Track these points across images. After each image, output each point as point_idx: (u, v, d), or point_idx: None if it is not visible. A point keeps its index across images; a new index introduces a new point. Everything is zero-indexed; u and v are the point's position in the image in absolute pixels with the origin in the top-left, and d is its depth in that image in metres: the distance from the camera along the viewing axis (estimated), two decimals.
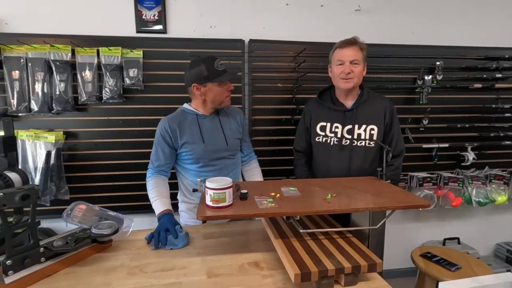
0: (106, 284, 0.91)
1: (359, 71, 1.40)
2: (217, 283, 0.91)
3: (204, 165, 1.40)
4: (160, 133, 1.38)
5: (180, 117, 1.40)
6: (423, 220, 2.42)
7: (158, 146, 1.39)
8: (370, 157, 1.47)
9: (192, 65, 1.34)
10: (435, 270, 1.68)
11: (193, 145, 1.37)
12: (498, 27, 2.25)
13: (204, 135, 1.38)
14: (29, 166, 1.76)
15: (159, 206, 1.29)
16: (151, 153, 1.42)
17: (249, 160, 1.60)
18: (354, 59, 1.39)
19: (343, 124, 1.47)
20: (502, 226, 2.51)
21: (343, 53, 1.41)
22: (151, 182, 1.37)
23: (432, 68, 2.14)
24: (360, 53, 1.40)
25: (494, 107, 2.25)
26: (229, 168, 1.45)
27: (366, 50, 1.44)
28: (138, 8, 1.85)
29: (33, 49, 1.72)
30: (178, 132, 1.37)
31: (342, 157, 1.47)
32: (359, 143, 1.46)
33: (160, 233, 1.14)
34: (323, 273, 0.84)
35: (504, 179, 2.25)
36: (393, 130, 1.49)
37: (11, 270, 0.87)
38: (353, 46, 1.40)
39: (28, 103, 1.75)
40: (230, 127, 1.45)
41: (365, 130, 1.45)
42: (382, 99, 1.51)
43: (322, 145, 1.51)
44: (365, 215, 1.15)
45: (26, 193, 0.88)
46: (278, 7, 2.00)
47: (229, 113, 1.49)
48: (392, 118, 1.48)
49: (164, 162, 1.39)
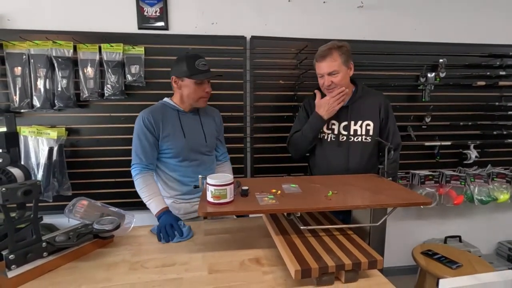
0: (108, 279, 0.92)
1: (339, 79, 1.41)
2: (217, 279, 0.91)
3: (183, 160, 1.42)
4: (144, 124, 1.36)
5: (162, 110, 1.41)
6: (425, 218, 2.41)
7: (142, 138, 1.36)
8: (368, 152, 1.49)
9: (177, 59, 1.39)
10: (436, 267, 1.68)
11: (174, 139, 1.39)
12: (502, 24, 2.23)
13: (185, 131, 1.41)
14: (32, 162, 1.77)
15: (156, 205, 1.29)
16: (133, 149, 1.38)
17: (224, 160, 1.65)
18: (332, 71, 1.39)
19: (339, 121, 1.49)
20: (504, 224, 2.50)
21: (320, 66, 1.43)
22: (140, 181, 1.34)
23: (435, 66, 2.12)
24: (336, 61, 1.39)
25: (498, 105, 2.24)
26: (207, 163, 1.50)
27: (345, 51, 1.40)
28: (140, 4, 1.85)
29: (35, 45, 1.73)
30: (161, 125, 1.38)
31: (340, 153, 1.48)
32: (355, 139, 1.48)
33: (166, 228, 1.17)
34: (324, 269, 0.85)
35: (506, 178, 2.23)
36: (389, 124, 1.51)
37: (14, 265, 0.88)
38: (328, 58, 1.39)
39: (30, 100, 1.75)
40: (209, 125, 1.50)
41: (361, 126, 1.47)
42: (377, 95, 1.53)
43: (319, 142, 1.53)
44: (366, 212, 1.15)
45: (28, 188, 0.88)
46: (280, 4, 1.99)
47: (208, 113, 1.53)
48: (388, 113, 1.50)
49: (151, 154, 1.38)
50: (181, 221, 1.22)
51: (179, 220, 1.22)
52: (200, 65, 1.35)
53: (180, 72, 1.36)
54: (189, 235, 1.18)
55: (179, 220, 1.23)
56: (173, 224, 1.18)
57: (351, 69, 1.46)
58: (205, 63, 1.37)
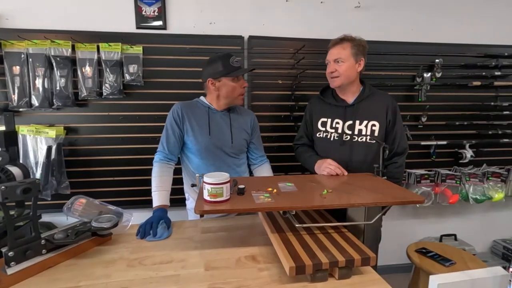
0: (106, 276, 0.93)
1: (343, 69, 1.39)
2: (214, 276, 0.93)
3: (206, 157, 1.42)
4: (172, 116, 1.42)
5: (193, 105, 1.46)
6: (421, 216, 2.44)
7: (168, 128, 1.42)
8: (372, 153, 1.45)
9: (209, 61, 1.41)
10: (429, 265, 1.70)
11: (199, 135, 1.40)
12: (497, 24, 2.25)
13: (212, 128, 1.42)
14: (30, 161, 1.78)
15: (156, 199, 1.32)
16: (161, 137, 1.45)
17: (261, 164, 1.61)
18: (337, 58, 1.40)
19: (344, 120, 1.47)
20: (498, 223, 2.53)
21: (330, 52, 1.44)
22: (156, 170, 1.40)
23: (432, 66, 2.14)
24: (346, 50, 1.39)
25: (493, 105, 2.26)
26: (231, 166, 1.47)
27: (359, 46, 1.40)
28: (138, 4, 1.86)
29: (33, 44, 1.73)
30: (188, 118, 1.41)
31: (343, 153, 1.46)
32: (359, 139, 1.45)
33: (145, 226, 1.20)
34: (317, 266, 0.86)
35: (501, 177, 2.26)
36: (396, 127, 1.48)
37: (13, 262, 0.89)
38: (338, 45, 1.40)
39: (28, 99, 1.76)
40: (239, 126, 1.48)
41: (366, 126, 1.45)
42: (385, 96, 1.50)
43: (322, 140, 1.51)
44: (360, 211, 1.16)
45: (27, 186, 0.90)
46: (278, 4, 2.00)
47: (241, 113, 1.53)
48: (395, 116, 1.47)
49: (174, 145, 1.42)
50: (163, 220, 1.22)
51: (162, 220, 1.22)
52: (234, 62, 1.37)
53: (215, 72, 1.37)
54: (162, 236, 1.17)
55: (163, 220, 1.23)
56: (153, 223, 1.20)
57: (360, 65, 1.43)
58: (237, 59, 1.39)
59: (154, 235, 1.17)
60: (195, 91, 1.85)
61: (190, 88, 1.91)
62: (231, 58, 1.37)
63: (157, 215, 1.25)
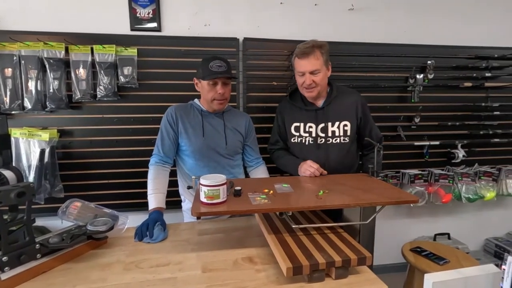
0: (102, 279, 0.92)
1: (320, 78, 1.40)
2: (211, 278, 0.93)
3: (200, 159, 1.43)
4: (167, 118, 1.44)
5: (187, 108, 1.48)
6: (415, 216, 2.47)
7: (163, 131, 1.44)
8: (346, 151, 1.49)
9: (200, 62, 1.43)
10: (424, 264, 1.72)
11: (193, 136, 1.42)
12: (488, 26, 2.30)
13: (206, 130, 1.43)
14: (23, 164, 1.75)
15: (152, 201, 1.32)
16: (156, 140, 1.46)
17: (257, 166, 1.62)
18: (314, 70, 1.37)
19: (317, 123, 1.48)
20: (491, 221, 2.57)
21: (301, 63, 1.39)
22: (152, 172, 1.41)
23: (424, 67, 2.18)
24: (319, 60, 1.37)
25: (484, 106, 2.30)
26: (225, 167, 1.48)
27: (327, 51, 1.40)
28: (132, 5, 1.85)
29: (26, 46, 1.71)
30: (182, 120, 1.43)
31: (319, 156, 1.46)
32: (334, 141, 1.47)
33: (142, 228, 1.20)
34: (314, 266, 0.87)
35: (492, 176, 2.30)
36: (368, 121, 1.52)
37: (7, 267, 0.88)
38: (311, 56, 1.36)
39: (21, 101, 1.73)
40: (233, 128, 1.50)
41: (338, 127, 1.47)
42: (352, 94, 1.52)
43: (298, 145, 1.52)
44: (356, 211, 1.18)
45: (21, 190, 0.89)
46: (273, 6, 2.01)
47: (235, 115, 1.54)
48: (365, 111, 1.50)
49: (169, 148, 1.44)
50: (159, 223, 1.22)
51: (158, 222, 1.22)
52: (214, 66, 1.36)
53: (198, 74, 1.42)
54: (158, 238, 1.17)
55: (158, 222, 1.22)
56: (149, 225, 1.20)
57: (329, 69, 1.45)
58: (220, 64, 1.36)
59: (151, 236, 1.17)
60: (189, 93, 1.84)
61: (184, 90, 1.90)
62: (212, 62, 1.36)
63: (153, 217, 1.24)
